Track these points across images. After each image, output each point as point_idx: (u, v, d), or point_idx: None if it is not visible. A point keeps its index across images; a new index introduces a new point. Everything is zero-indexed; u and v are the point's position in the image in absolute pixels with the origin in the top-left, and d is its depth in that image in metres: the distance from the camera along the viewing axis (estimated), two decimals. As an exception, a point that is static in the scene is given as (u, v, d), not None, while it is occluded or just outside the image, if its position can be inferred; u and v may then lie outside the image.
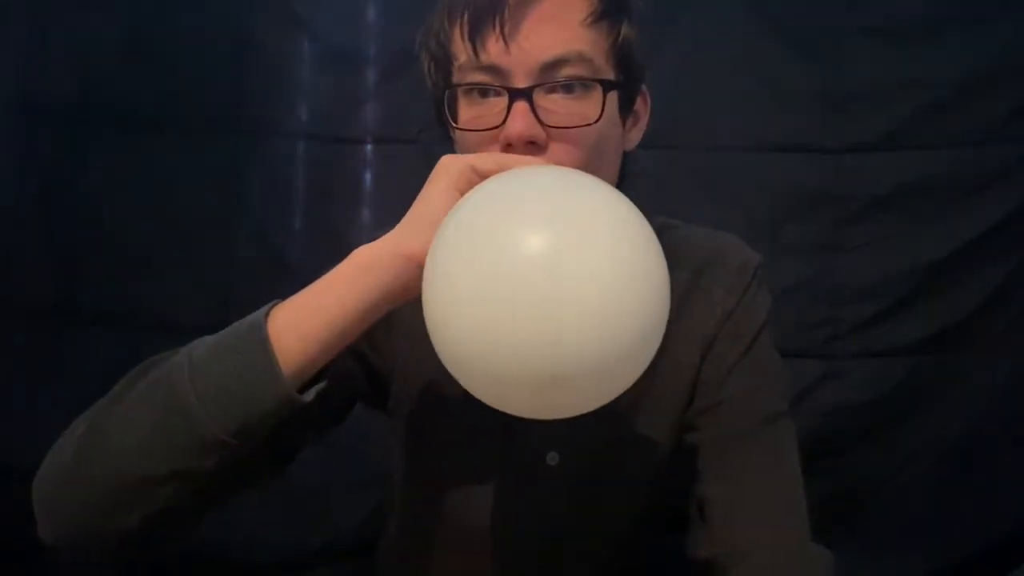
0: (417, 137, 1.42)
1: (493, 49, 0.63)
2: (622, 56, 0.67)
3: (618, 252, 0.54)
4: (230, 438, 0.55)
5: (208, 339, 0.59)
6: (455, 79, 0.67)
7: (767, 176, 1.43)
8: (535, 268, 0.52)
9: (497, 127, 0.64)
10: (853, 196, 1.43)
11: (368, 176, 1.49)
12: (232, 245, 1.48)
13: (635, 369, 0.57)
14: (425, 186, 0.60)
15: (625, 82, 0.68)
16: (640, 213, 0.58)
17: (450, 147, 0.71)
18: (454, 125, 0.67)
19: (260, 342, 0.56)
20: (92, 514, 0.57)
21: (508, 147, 0.64)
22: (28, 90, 1.48)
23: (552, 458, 0.76)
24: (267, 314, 0.58)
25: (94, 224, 1.48)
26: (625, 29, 0.67)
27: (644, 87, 0.74)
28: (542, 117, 0.63)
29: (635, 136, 0.74)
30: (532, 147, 0.64)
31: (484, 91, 0.65)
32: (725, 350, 0.74)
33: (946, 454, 1.43)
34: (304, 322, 0.57)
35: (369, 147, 1.48)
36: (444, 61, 0.68)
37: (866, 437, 1.44)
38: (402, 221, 0.60)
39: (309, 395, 0.57)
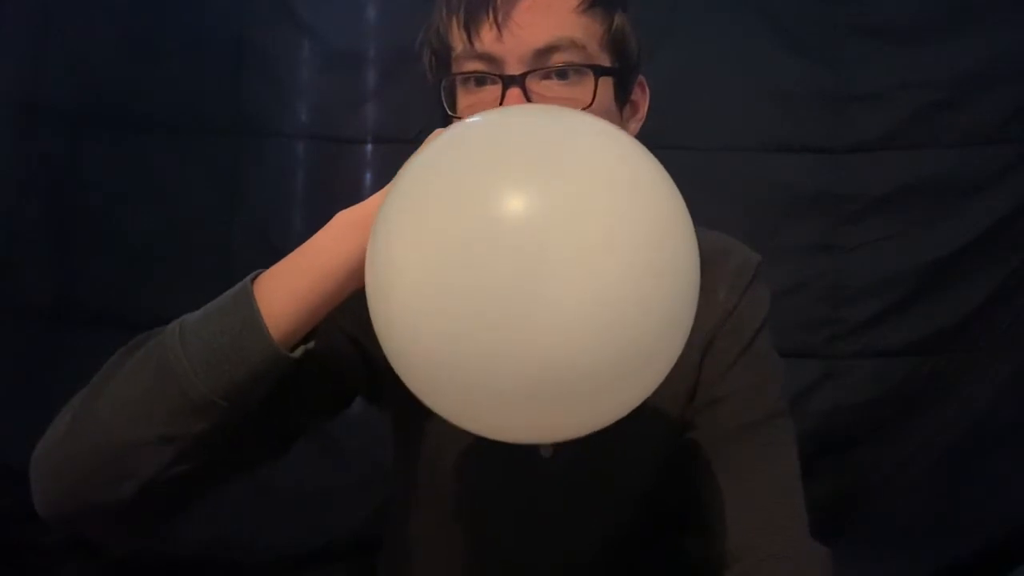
0: (417, 137, 1.41)
1: (487, 37, 0.64)
2: (616, 44, 0.68)
3: (625, 214, 0.41)
4: (220, 398, 0.55)
5: (200, 309, 0.60)
6: (453, 69, 0.68)
7: (767, 176, 1.43)
8: (502, 237, 0.39)
9: None
10: (853, 196, 1.43)
11: (368, 176, 1.49)
12: (232, 245, 1.48)
13: (652, 376, 0.46)
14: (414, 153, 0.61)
15: (620, 70, 0.69)
16: (660, 166, 0.47)
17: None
18: (452, 114, 0.68)
19: (245, 300, 0.57)
20: (85, 483, 0.57)
21: None
22: (28, 91, 1.48)
23: (546, 451, 0.76)
24: (254, 278, 0.59)
25: (94, 224, 1.49)
26: (619, 18, 0.68)
27: (642, 78, 0.74)
28: (535, 103, 0.64)
29: (634, 127, 0.74)
30: None
31: (480, 79, 0.66)
32: (725, 348, 0.74)
33: (946, 454, 1.43)
34: (289, 282, 0.58)
35: (369, 147, 1.48)
36: (443, 52, 0.69)
37: (866, 437, 1.44)
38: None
39: (297, 353, 0.58)
